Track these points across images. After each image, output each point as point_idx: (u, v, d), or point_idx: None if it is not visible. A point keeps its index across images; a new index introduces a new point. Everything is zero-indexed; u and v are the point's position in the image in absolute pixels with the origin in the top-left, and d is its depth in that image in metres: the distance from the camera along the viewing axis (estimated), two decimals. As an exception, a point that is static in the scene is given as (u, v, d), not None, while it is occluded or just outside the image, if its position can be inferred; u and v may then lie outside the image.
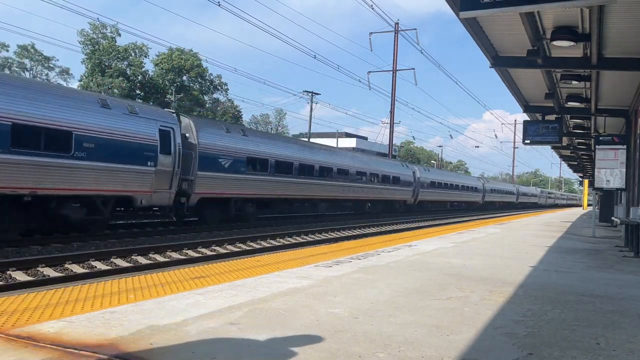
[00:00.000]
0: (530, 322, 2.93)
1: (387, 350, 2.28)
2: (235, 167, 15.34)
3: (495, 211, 43.70)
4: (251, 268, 4.74)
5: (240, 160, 15.54)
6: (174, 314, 2.75)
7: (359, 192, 23.48)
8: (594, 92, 10.24)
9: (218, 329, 2.48)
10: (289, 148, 18.50)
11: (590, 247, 8.38)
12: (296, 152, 18.87)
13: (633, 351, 2.44)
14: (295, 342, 2.33)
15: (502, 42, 8.19)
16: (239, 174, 15.48)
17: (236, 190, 15.52)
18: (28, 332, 2.32)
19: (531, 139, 12.66)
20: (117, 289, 3.46)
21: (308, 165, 19.18)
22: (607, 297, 3.88)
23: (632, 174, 11.52)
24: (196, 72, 52.89)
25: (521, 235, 10.45)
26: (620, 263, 6.28)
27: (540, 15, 6.87)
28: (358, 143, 63.12)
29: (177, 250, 10.05)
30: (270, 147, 17.27)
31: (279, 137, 25.52)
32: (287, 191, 17.84)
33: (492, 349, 2.38)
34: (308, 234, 14.77)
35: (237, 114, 59.44)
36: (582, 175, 37.82)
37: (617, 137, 11.71)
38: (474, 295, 3.67)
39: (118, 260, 8.79)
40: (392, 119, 42.70)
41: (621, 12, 6.47)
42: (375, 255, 5.92)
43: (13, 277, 7.18)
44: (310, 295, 3.40)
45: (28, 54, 49.84)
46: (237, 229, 15.27)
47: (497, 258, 6.18)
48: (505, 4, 4.67)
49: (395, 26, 40.49)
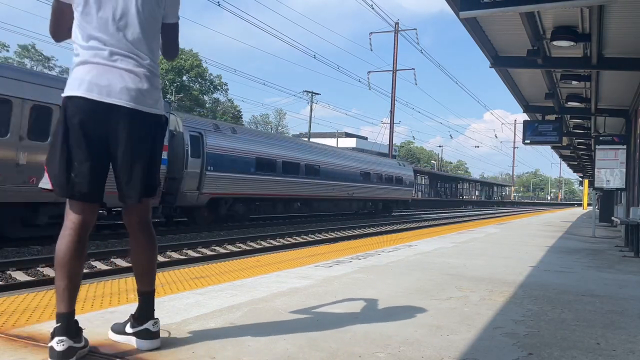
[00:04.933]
0: (530, 322, 2.93)
1: (387, 350, 2.28)
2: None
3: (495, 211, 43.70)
4: (251, 268, 4.74)
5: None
6: (174, 313, 2.75)
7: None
8: (594, 92, 10.24)
9: (218, 329, 2.48)
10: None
11: (590, 247, 8.38)
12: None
13: (633, 351, 2.44)
14: (295, 341, 2.33)
15: (502, 42, 8.20)
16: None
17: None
18: (28, 332, 2.32)
19: (531, 139, 12.67)
20: (117, 289, 3.45)
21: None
22: (607, 297, 3.88)
23: (632, 174, 11.52)
24: (196, 72, 52.89)
25: (521, 235, 10.45)
26: (620, 263, 6.28)
27: (540, 15, 6.87)
28: (358, 143, 63.14)
29: (177, 250, 10.05)
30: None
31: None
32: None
33: (492, 348, 2.38)
34: (308, 234, 14.79)
35: (237, 114, 59.43)
36: (582, 175, 37.87)
37: (617, 137, 11.72)
38: (473, 295, 3.67)
39: (118, 260, 8.79)
40: (392, 119, 42.73)
41: (621, 12, 6.47)
42: (376, 255, 5.91)
43: (13, 277, 7.18)
44: (310, 295, 3.40)
45: (28, 54, 49.85)
46: (237, 229, 15.28)
47: (497, 258, 6.18)
48: (505, 4, 4.68)
49: (395, 26, 40.54)
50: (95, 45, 1.98)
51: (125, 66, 2.01)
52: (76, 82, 1.97)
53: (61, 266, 1.95)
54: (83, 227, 1.99)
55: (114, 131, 1.99)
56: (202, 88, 54.45)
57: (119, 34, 2.01)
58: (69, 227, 1.98)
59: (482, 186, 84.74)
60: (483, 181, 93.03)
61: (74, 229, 1.98)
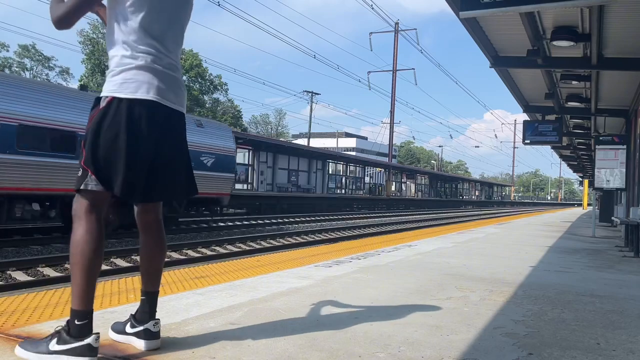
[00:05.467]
0: (530, 322, 2.93)
1: (387, 350, 2.28)
2: None
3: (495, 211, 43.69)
4: (251, 268, 4.74)
5: None
6: (174, 313, 2.75)
7: None
8: (594, 92, 10.25)
9: (218, 329, 2.48)
10: None
11: (590, 247, 8.38)
12: None
13: (633, 351, 2.44)
14: (295, 342, 2.33)
15: (502, 42, 8.20)
16: None
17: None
18: (28, 332, 2.32)
19: (531, 139, 12.68)
20: (117, 289, 3.46)
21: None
22: (607, 297, 3.88)
23: (632, 174, 11.53)
24: (196, 72, 52.89)
25: (521, 235, 10.45)
26: (620, 263, 6.28)
27: (540, 15, 6.87)
28: (358, 143, 63.09)
29: (177, 250, 10.05)
30: None
31: None
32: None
33: (492, 348, 2.38)
34: (308, 234, 14.79)
35: (237, 114, 59.42)
36: (582, 175, 37.89)
37: (617, 137, 11.72)
38: (473, 295, 3.67)
39: (118, 260, 8.79)
40: (392, 119, 42.77)
41: (621, 12, 6.47)
42: (376, 255, 5.91)
43: (13, 277, 7.18)
44: (310, 295, 3.40)
45: (28, 54, 49.86)
46: (237, 229, 15.27)
47: (497, 258, 6.18)
48: (505, 4, 4.68)
49: (395, 26, 40.56)
50: (153, 50, 2.06)
51: (176, 74, 2.16)
52: (132, 85, 2.02)
53: (83, 260, 1.96)
54: (102, 220, 2.06)
55: (169, 132, 2.13)
56: (202, 88, 54.47)
57: (172, 42, 2.15)
58: (95, 220, 2.00)
59: (482, 186, 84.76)
60: (483, 181, 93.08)
61: (99, 221, 2.01)
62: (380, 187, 47.58)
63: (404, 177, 54.14)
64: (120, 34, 2.04)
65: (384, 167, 45.73)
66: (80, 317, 1.95)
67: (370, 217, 25.35)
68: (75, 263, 1.96)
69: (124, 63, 2.03)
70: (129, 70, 2.03)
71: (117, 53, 2.05)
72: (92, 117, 2.02)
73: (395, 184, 50.15)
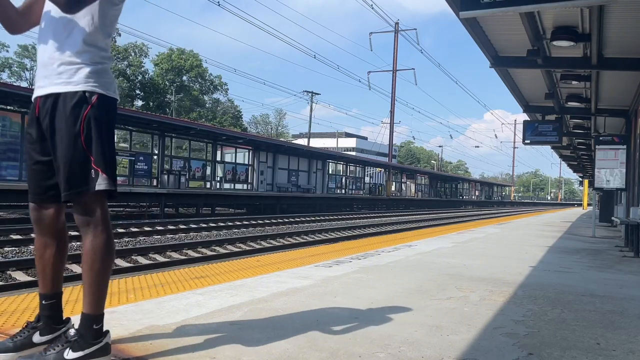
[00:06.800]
0: (530, 322, 2.93)
1: (387, 350, 2.28)
2: None
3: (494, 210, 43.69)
4: (251, 268, 4.74)
5: None
6: (174, 313, 2.75)
7: None
8: (594, 92, 10.24)
9: (218, 329, 2.48)
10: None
11: (590, 247, 8.38)
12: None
13: (633, 351, 2.44)
14: (295, 341, 2.33)
15: (502, 42, 8.20)
16: None
17: None
18: (28, 332, 2.32)
19: (531, 139, 12.67)
20: (117, 289, 3.46)
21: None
22: (607, 297, 3.88)
23: (632, 174, 11.53)
24: (196, 72, 52.87)
25: (521, 235, 10.45)
26: (620, 263, 6.28)
27: (540, 15, 6.87)
28: (358, 143, 63.03)
29: (177, 250, 10.04)
30: None
31: None
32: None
33: (492, 349, 2.38)
34: (308, 234, 14.78)
35: (237, 114, 59.39)
36: (582, 175, 37.87)
37: (617, 137, 11.71)
38: (473, 295, 3.67)
39: (118, 260, 8.78)
40: (392, 119, 42.75)
41: (621, 12, 6.47)
42: (376, 255, 5.91)
43: (13, 277, 7.18)
44: (310, 295, 3.40)
45: (28, 54, 49.83)
46: (237, 229, 15.28)
47: (497, 258, 6.18)
48: (505, 4, 4.67)
49: (396, 26, 40.54)
50: (108, 48, 2.11)
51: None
52: (113, 85, 2.08)
53: (106, 263, 1.96)
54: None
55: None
56: (202, 88, 54.46)
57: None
58: (110, 225, 1.99)
59: (482, 186, 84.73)
60: (483, 181, 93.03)
61: (109, 222, 2.00)
62: (380, 187, 47.57)
63: (404, 177, 54.11)
64: (100, 32, 2.02)
65: (384, 167, 45.73)
66: (99, 320, 1.97)
67: (370, 217, 25.32)
68: (98, 269, 1.93)
69: (101, 58, 2.03)
70: (106, 69, 2.05)
71: (93, 48, 2.00)
72: (85, 115, 1.93)
73: (395, 184, 50.13)
